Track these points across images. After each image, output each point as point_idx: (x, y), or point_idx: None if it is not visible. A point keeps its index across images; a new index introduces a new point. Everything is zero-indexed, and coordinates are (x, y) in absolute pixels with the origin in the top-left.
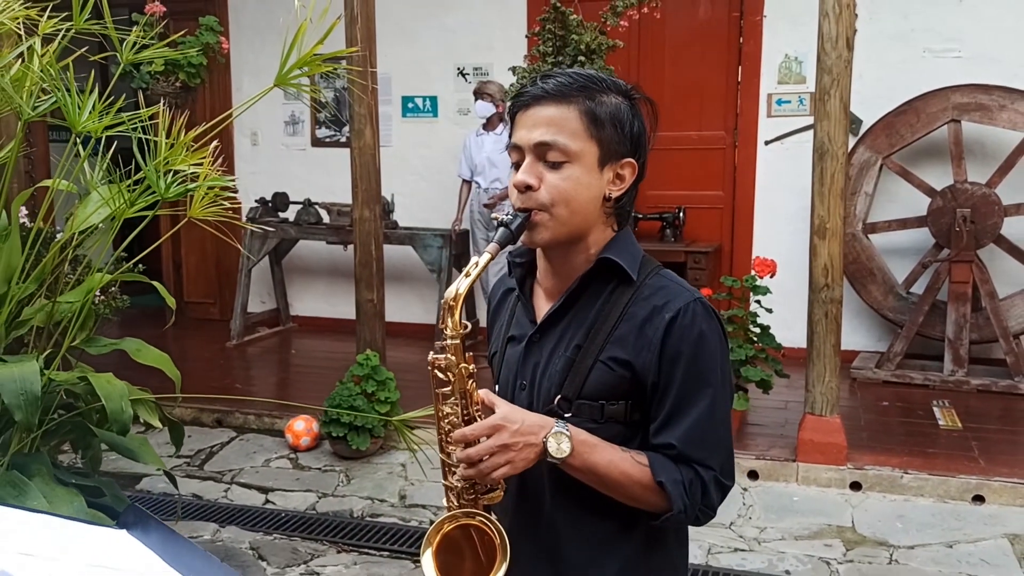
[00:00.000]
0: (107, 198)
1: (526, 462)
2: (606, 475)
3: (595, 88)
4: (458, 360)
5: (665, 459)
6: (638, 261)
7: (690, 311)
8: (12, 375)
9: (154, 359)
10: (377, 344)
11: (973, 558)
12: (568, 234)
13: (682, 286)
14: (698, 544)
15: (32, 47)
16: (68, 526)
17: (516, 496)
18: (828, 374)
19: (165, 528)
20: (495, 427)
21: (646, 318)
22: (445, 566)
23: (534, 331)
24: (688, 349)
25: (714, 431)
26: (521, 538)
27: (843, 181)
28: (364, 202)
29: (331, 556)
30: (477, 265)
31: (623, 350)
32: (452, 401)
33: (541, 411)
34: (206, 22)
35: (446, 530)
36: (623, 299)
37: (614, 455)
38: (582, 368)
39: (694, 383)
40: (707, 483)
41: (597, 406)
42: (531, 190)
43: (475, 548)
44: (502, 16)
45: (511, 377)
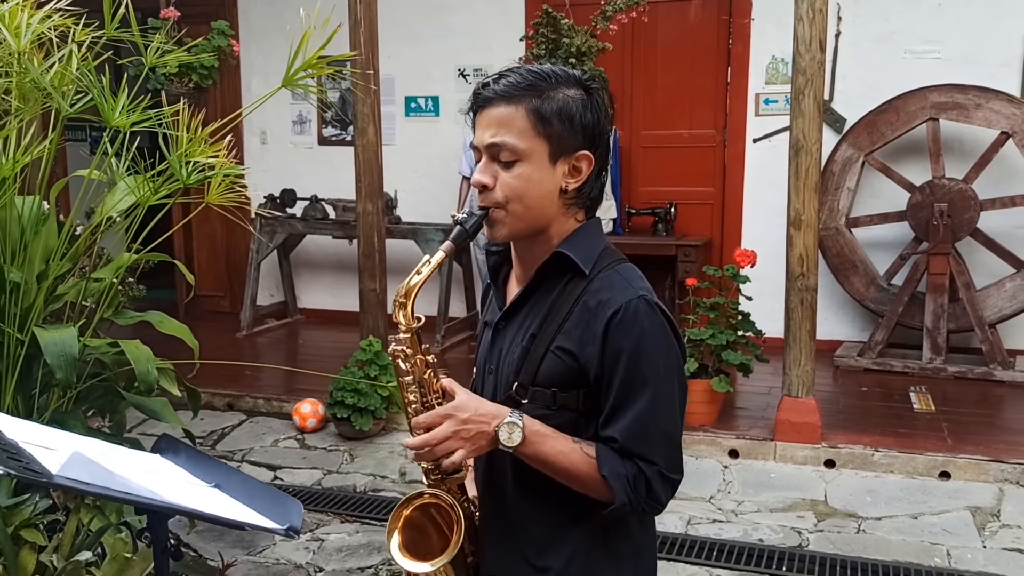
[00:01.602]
0: (132, 187)
1: (478, 449)
2: (555, 465)
3: (544, 85)
4: (414, 351)
5: (611, 452)
6: (595, 254)
7: (632, 308)
8: (54, 339)
9: (175, 329)
10: (380, 331)
11: (936, 528)
12: (526, 228)
13: (629, 282)
14: (678, 515)
15: (71, 52)
16: (118, 448)
17: (484, 483)
18: (804, 358)
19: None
20: (446, 415)
21: (592, 312)
22: (412, 542)
23: (499, 318)
24: (629, 345)
25: (656, 427)
26: (490, 522)
27: (817, 176)
28: (367, 196)
29: (335, 525)
30: (429, 263)
31: (570, 342)
32: (413, 389)
33: (503, 396)
34: (218, 26)
35: (406, 514)
36: (576, 291)
37: (564, 447)
38: (535, 357)
39: (635, 379)
40: (650, 478)
41: (550, 394)
42: (487, 189)
43: (439, 521)
44: (501, 19)
45: (483, 362)
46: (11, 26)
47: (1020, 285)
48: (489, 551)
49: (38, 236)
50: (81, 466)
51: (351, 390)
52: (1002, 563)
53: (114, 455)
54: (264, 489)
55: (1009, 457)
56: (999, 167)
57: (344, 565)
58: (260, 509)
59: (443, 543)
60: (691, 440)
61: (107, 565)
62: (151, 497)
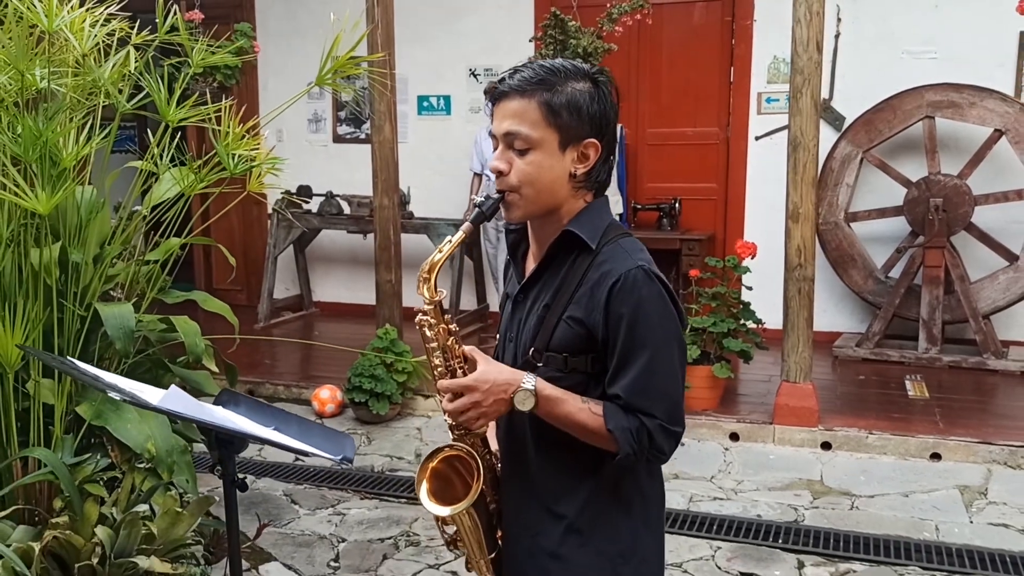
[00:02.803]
0: (178, 177)
1: (497, 413)
2: (566, 423)
3: (554, 80)
4: (437, 321)
5: (617, 408)
6: (600, 231)
7: (631, 277)
8: (114, 313)
9: (217, 307)
10: (395, 320)
11: (926, 505)
12: (539, 209)
13: (629, 254)
14: (680, 493)
15: (129, 53)
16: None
17: (506, 439)
18: (801, 345)
19: (254, 400)
20: (468, 387)
21: (597, 282)
22: (438, 489)
23: (518, 291)
24: (628, 311)
25: (656, 384)
26: (512, 473)
27: (815, 171)
28: (383, 191)
29: (355, 502)
30: (451, 241)
31: (579, 310)
32: (438, 355)
33: (521, 361)
34: (241, 28)
35: (432, 466)
36: (584, 264)
37: (572, 407)
38: (549, 325)
39: (635, 341)
40: (652, 430)
41: (561, 358)
42: (503, 174)
43: (460, 469)
44: (510, 21)
45: (504, 330)
46: (75, 31)
47: (1013, 277)
48: (510, 499)
49: (93, 222)
50: (177, 399)
51: (368, 376)
52: (987, 537)
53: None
54: (320, 429)
55: (998, 439)
56: (993, 163)
57: (365, 536)
58: (317, 444)
59: (466, 491)
60: (693, 424)
61: (159, 519)
62: (232, 426)
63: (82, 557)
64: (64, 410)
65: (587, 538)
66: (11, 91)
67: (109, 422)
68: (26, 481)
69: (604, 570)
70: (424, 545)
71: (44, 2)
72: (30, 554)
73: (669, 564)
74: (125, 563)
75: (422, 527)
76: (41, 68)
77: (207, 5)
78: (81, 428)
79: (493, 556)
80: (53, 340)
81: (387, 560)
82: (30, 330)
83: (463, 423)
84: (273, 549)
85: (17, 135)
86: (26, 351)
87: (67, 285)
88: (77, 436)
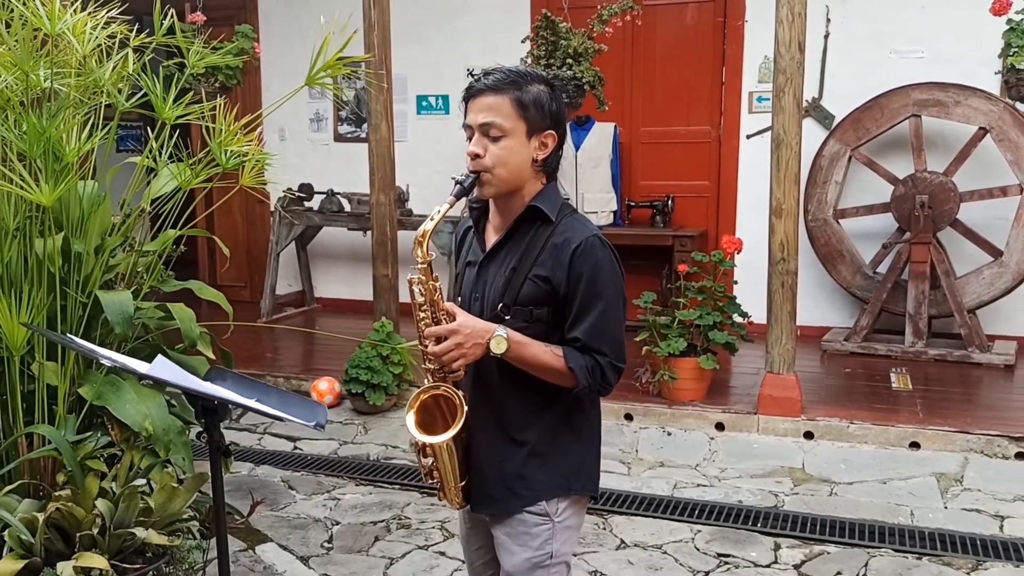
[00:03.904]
0: (175, 173)
1: (475, 356)
2: (533, 363)
3: (522, 81)
4: (427, 279)
5: (574, 350)
6: (557, 207)
7: (588, 243)
8: (114, 299)
9: (212, 295)
10: (392, 314)
11: (902, 491)
12: (508, 188)
13: (585, 226)
14: (665, 480)
15: (128, 55)
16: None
17: (474, 379)
18: (784, 337)
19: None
20: (452, 331)
21: (559, 247)
22: (423, 423)
23: (484, 257)
24: (587, 270)
25: (607, 329)
26: (478, 408)
27: (797, 168)
28: (380, 188)
29: (350, 488)
30: (439, 212)
31: (544, 270)
32: (424, 308)
33: (488, 315)
34: (242, 30)
35: (422, 399)
36: (545, 233)
37: (539, 350)
38: (516, 283)
39: (591, 294)
40: (604, 367)
41: (527, 310)
42: (479, 157)
43: (442, 410)
44: (507, 21)
45: (468, 291)
46: (77, 34)
47: (997, 273)
48: (479, 431)
49: (95, 214)
50: (164, 367)
51: (365, 367)
52: (960, 521)
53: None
54: (298, 399)
55: (975, 428)
56: (978, 161)
57: (358, 519)
58: (293, 412)
59: (445, 427)
60: (680, 414)
61: (157, 494)
62: (215, 394)
63: (83, 527)
64: (67, 391)
65: (545, 460)
66: (16, 91)
67: (109, 402)
68: (31, 456)
69: (560, 486)
70: (415, 528)
71: (47, 6)
72: (34, 524)
73: (649, 546)
74: (124, 534)
75: (413, 511)
76: (45, 69)
77: (211, 7)
78: (83, 408)
79: (464, 483)
80: (56, 326)
81: (379, 541)
82: (35, 315)
83: (446, 363)
84: (269, 531)
85: (22, 132)
86: (30, 328)
87: (70, 274)
88: (79, 416)
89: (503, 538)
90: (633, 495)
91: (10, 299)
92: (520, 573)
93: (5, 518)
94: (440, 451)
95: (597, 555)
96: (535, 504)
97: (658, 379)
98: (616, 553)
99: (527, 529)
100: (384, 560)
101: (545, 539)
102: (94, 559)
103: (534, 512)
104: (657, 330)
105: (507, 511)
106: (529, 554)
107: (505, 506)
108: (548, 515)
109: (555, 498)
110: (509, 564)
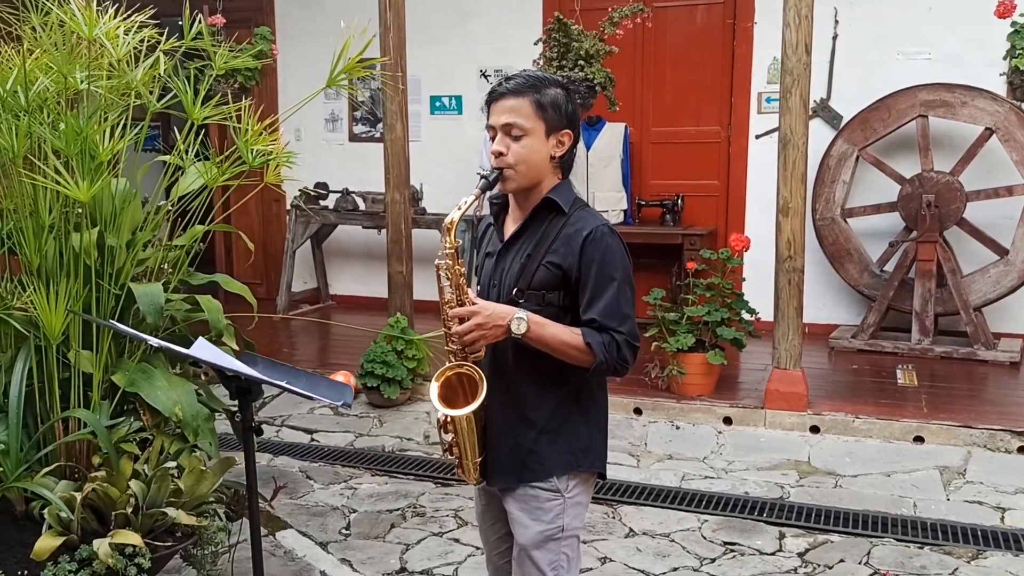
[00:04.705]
0: (202, 171)
1: (495, 336)
2: (552, 342)
3: (540, 85)
4: (452, 264)
5: (591, 329)
6: (571, 200)
7: (598, 231)
8: (146, 291)
9: (238, 288)
10: (406, 310)
11: (906, 484)
12: (528, 183)
13: (595, 217)
14: (673, 472)
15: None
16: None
17: (491, 363)
18: (791, 333)
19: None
20: (473, 312)
21: (571, 236)
22: (446, 398)
23: (502, 247)
24: (598, 256)
25: (620, 309)
26: (494, 389)
27: (804, 167)
28: (395, 187)
29: (366, 478)
30: (466, 202)
31: (557, 257)
32: (449, 291)
33: (505, 299)
34: (261, 32)
35: (447, 375)
36: (559, 223)
37: (557, 329)
38: (530, 269)
39: (603, 278)
40: (620, 343)
41: (540, 295)
42: (502, 155)
43: (464, 387)
44: (519, 23)
45: (487, 280)
46: (111, 38)
47: (1003, 271)
48: (495, 412)
49: (126, 210)
50: (205, 348)
51: (380, 362)
52: (962, 513)
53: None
54: (326, 381)
55: (979, 423)
56: (984, 161)
57: (375, 508)
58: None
59: (465, 403)
60: (689, 408)
61: (186, 477)
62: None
63: (118, 507)
64: (101, 379)
65: (555, 438)
66: (53, 92)
67: (142, 389)
68: (69, 439)
69: (569, 463)
70: (430, 516)
71: (85, 12)
72: (72, 503)
73: (657, 534)
74: (155, 513)
75: (428, 500)
76: (81, 71)
77: (228, 9)
78: (116, 395)
79: (480, 460)
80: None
81: (395, 528)
82: (72, 305)
83: (467, 342)
84: (289, 518)
85: (60, 131)
86: (77, 315)
87: (103, 267)
88: (112, 402)
89: (517, 513)
90: (642, 486)
91: (49, 291)
92: (533, 546)
93: (46, 496)
94: (461, 426)
95: (606, 542)
96: (546, 480)
97: (667, 374)
98: (625, 541)
99: (540, 504)
100: (400, 546)
101: (557, 513)
102: (129, 536)
103: (546, 488)
104: (666, 326)
105: (520, 482)
106: (542, 527)
107: (518, 478)
108: (559, 491)
109: (565, 474)
110: (523, 537)
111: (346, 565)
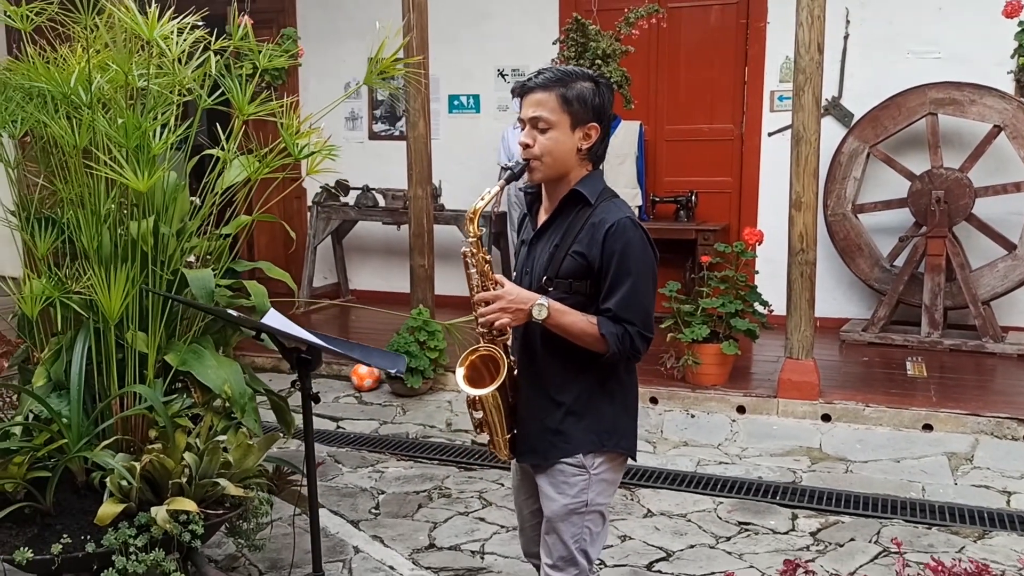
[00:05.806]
0: (245, 164)
1: (517, 320)
2: (571, 329)
3: (568, 79)
4: (477, 251)
5: (607, 320)
6: (598, 192)
7: (621, 224)
8: (198, 276)
9: (279, 274)
10: (428, 302)
11: (915, 470)
12: (554, 174)
13: (620, 209)
14: (688, 458)
15: (209, 57)
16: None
17: (521, 346)
18: (803, 324)
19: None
20: (497, 296)
21: (596, 226)
22: (472, 379)
23: (533, 236)
24: (619, 248)
25: (636, 302)
26: (525, 371)
27: (816, 163)
28: (418, 183)
29: (392, 462)
30: (490, 192)
31: (582, 247)
32: (476, 277)
33: (536, 287)
34: (288, 32)
35: (470, 359)
36: (585, 214)
37: (576, 318)
38: (558, 258)
39: (622, 270)
40: (632, 335)
41: (567, 283)
42: (529, 147)
43: (488, 369)
44: (536, 24)
45: (520, 267)
46: (166, 40)
47: (1011, 265)
48: (524, 392)
49: (176, 201)
50: (276, 318)
51: (404, 352)
52: (969, 496)
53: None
54: (378, 352)
55: (986, 412)
56: (992, 158)
57: (402, 489)
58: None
59: (491, 382)
60: (703, 397)
61: (234, 451)
62: (316, 341)
63: (173, 477)
64: (155, 358)
65: (581, 418)
66: (110, 89)
67: (193, 368)
68: (127, 414)
69: (594, 443)
70: (455, 497)
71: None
72: (132, 472)
73: (674, 515)
74: (207, 484)
75: (453, 483)
76: (139, 69)
77: (253, 11)
78: (168, 373)
79: (510, 436)
80: (147, 299)
81: (422, 508)
82: (129, 289)
83: (490, 322)
84: (320, 499)
85: (119, 125)
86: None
87: (156, 254)
88: (165, 380)
89: (545, 487)
90: (659, 471)
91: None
92: (558, 518)
93: (110, 463)
94: (487, 405)
95: (625, 522)
96: (572, 456)
97: (682, 364)
98: (643, 520)
99: (566, 479)
100: (428, 524)
101: (581, 488)
102: (185, 503)
103: (572, 464)
104: (681, 317)
105: (547, 460)
106: (567, 501)
107: (546, 455)
108: (585, 467)
109: (591, 453)
110: (549, 510)
111: (377, 541)
